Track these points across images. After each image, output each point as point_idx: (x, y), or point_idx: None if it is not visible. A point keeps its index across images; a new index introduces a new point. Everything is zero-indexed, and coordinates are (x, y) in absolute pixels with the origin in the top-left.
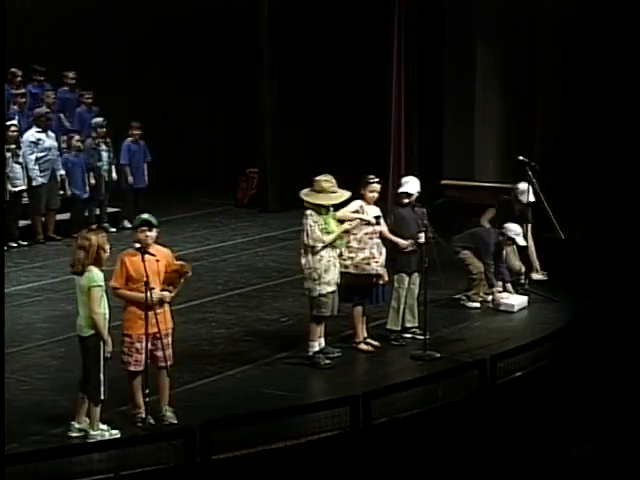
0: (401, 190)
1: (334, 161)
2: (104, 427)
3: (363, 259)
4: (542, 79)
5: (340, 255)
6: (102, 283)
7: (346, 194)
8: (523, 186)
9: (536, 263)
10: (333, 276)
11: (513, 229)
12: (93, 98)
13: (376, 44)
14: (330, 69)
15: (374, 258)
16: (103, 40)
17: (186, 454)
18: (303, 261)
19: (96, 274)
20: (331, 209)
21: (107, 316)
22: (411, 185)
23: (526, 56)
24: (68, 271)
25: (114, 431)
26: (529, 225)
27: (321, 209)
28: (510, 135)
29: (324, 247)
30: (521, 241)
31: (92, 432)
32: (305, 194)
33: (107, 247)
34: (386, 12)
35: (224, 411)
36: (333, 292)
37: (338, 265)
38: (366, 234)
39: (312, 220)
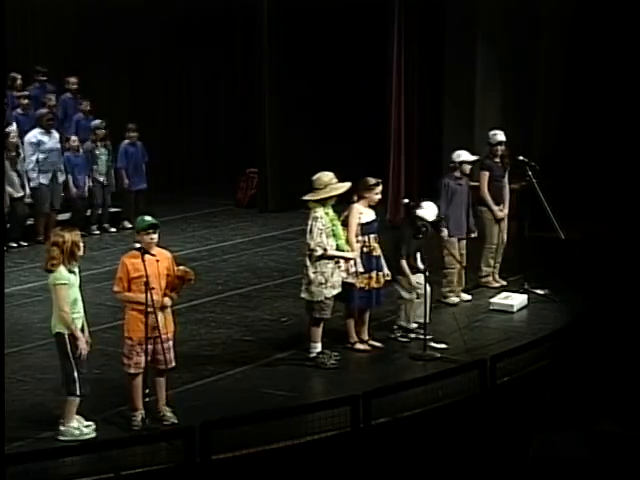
0: (419, 214)
1: (334, 161)
2: (74, 425)
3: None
4: (542, 79)
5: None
6: (67, 281)
7: (346, 185)
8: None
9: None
10: (338, 279)
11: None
12: (92, 99)
13: (376, 43)
14: (330, 69)
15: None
16: (103, 40)
17: (186, 454)
18: (309, 264)
19: (60, 273)
20: (337, 217)
21: (79, 315)
22: (429, 212)
23: (526, 56)
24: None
25: (86, 430)
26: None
27: (328, 207)
28: (510, 135)
29: (321, 256)
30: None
31: (62, 428)
32: (310, 195)
33: (81, 245)
34: (386, 11)
35: (224, 411)
36: (336, 295)
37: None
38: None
39: (321, 224)
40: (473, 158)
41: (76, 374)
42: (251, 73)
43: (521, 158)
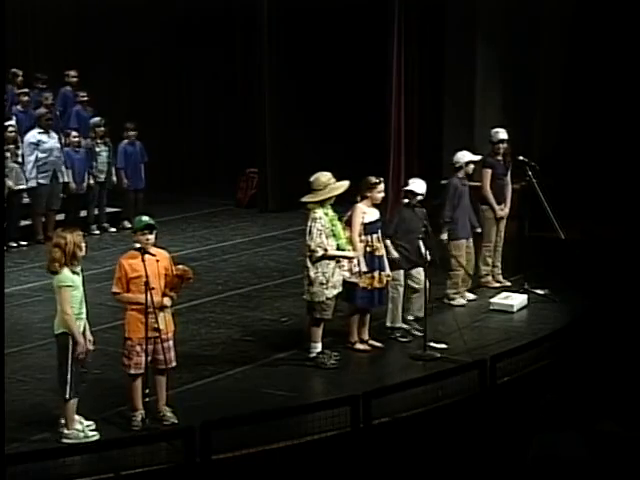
0: (408, 188)
1: (334, 161)
2: (79, 427)
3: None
4: (542, 79)
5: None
6: (72, 283)
7: (345, 183)
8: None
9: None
10: (338, 278)
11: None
12: (92, 98)
13: (377, 44)
14: (330, 69)
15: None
16: (103, 40)
17: (186, 454)
18: (309, 265)
19: (64, 275)
20: (336, 217)
21: (83, 316)
22: (418, 185)
23: (526, 56)
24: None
25: (91, 433)
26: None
27: (327, 207)
28: (510, 135)
29: (322, 257)
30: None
31: (65, 431)
32: (310, 197)
33: (83, 245)
34: (386, 11)
35: (224, 411)
36: (337, 295)
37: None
38: None
39: (320, 224)
40: (478, 158)
41: (69, 377)
42: (251, 73)
43: (521, 158)
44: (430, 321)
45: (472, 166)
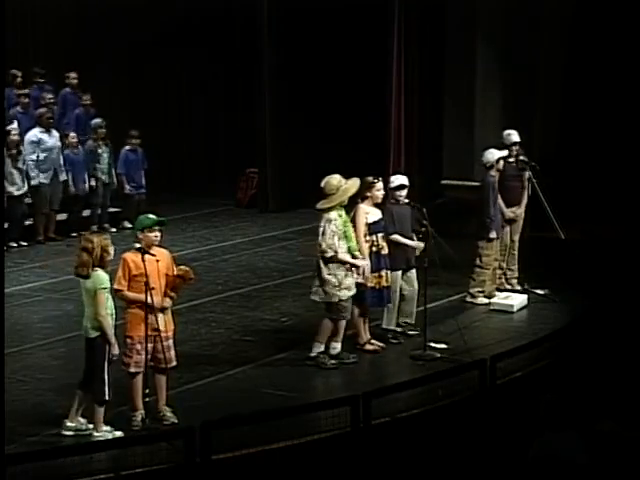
0: (394, 185)
1: (334, 161)
2: (107, 428)
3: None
4: (542, 79)
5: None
6: (108, 285)
7: (356, 181)
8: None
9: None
10: (352, 280)
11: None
12: (93, 99)
13: (376, 43)
14: (330, 69)
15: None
16: (103, 40)
17: (186, 454)
18: (322, 266)
19: (102, 276)
20: (347, 217)
21: (114, 316)
22: (402, 178)
23: (526, 56)
24: (72, 274)
25: (117, 432)
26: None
27: (340, 209)
28: None
29: (331, 258)
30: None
31: (96, 433)
32: (324, 203)
33: (110, 249)
34: (386, 11)
35: (224, 411)
36: (352, 296)
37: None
38: None
39: (334, 226)
40: (505, 153)
41: (107, 377)
42: (251, 73)
43: (521, 158)
44: (430, 321)
45: (502, 162)
